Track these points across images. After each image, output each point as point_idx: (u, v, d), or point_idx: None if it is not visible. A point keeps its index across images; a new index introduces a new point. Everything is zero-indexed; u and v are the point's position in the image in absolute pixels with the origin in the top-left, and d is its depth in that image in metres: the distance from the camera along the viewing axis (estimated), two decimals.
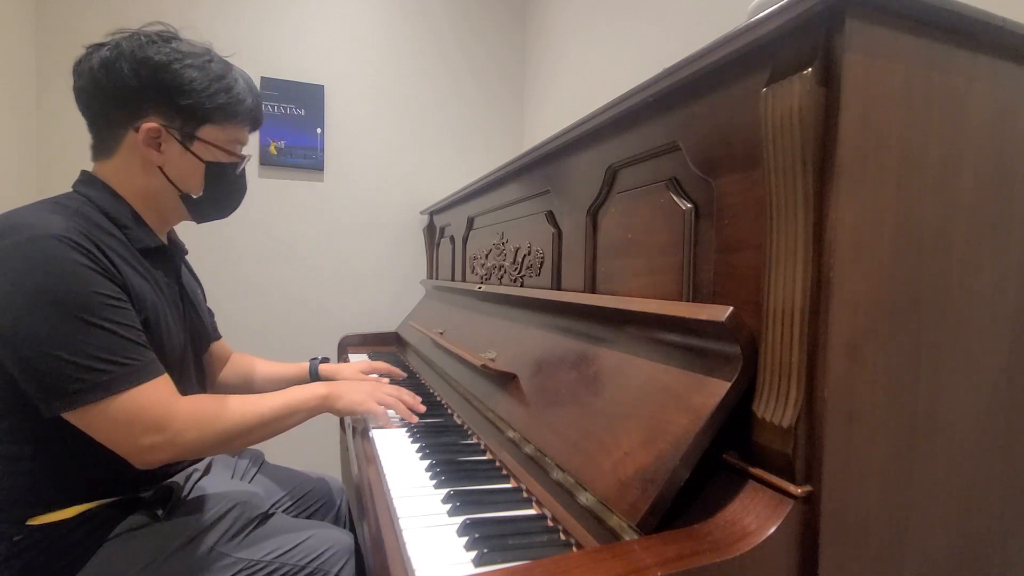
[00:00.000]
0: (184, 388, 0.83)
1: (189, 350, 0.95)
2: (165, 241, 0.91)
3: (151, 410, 0.72)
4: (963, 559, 0.60)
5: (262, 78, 2.07)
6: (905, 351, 0.54)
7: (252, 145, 2.06)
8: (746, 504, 0.53)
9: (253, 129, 0.94)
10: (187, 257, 1.05)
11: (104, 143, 0.84)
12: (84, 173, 0.85)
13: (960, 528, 0.60)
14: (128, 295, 0.75)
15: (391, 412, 1.05)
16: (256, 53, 2.07)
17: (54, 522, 0.74)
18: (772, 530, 0.49)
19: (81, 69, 0.82)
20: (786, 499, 0.50)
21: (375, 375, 1.30)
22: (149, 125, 0.81)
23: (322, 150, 2.18)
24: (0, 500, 0.74)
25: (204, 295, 1.11)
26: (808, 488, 0.51)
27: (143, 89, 0.80)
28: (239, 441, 0.82)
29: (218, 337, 1.19)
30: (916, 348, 0.55)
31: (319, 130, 2.17)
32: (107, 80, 0.79)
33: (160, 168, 0.84)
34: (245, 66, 0.99)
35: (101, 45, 0.82)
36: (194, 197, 0.88)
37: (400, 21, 2.30)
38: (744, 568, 0.48)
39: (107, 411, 0.70)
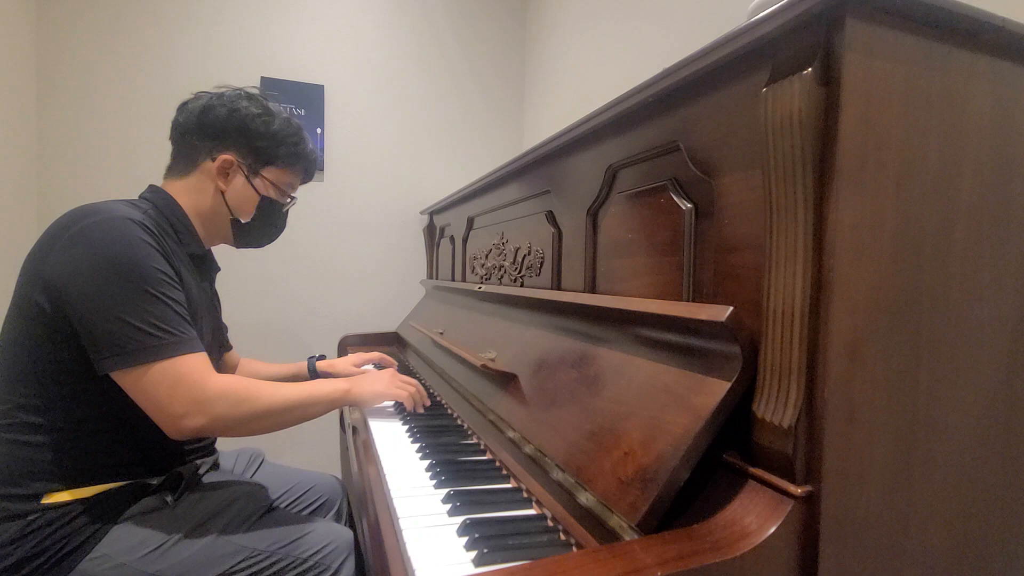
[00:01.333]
0: None
1: (213, 350, 1.01)
2: (206, 251, 1.03)
3: (190, 378, 0.78)
4: (963, 559, 0.60)
5: (262, 78, 2.07)
6: (905, 351, 0.54)
7: None
8: (746, 504, 0.53)
9: (304, 180, 1.13)
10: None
11: (181, 165, 0.99)
12: (152, 186, 0.98)
13: (960, 528, 0.60)
14: (180, 282, 0.85)
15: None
16: (256, 53, 2.07)
17: (68, 501, 0.77)
18: (772, 530, 0.49)
19: (186, 108, 0.99)
20: (786, 499, 0.50)
21: (370, 365, 1.39)
22: (225, 157, 0.97)
23: (322, 150, 2.18)
24: (19, 471, 0.77)
25: (220, 310, 1.17)
26: (808, 488, 0.51)
27: (229, 129, 0.97)
28: (264, 422, 0.86)
29: (230, 348, 1.25)
30: (916, 348, 0.55)
31: (319, 130, 2.17)
32: (204, 118, 0.97)
33: (222, 193, 0.99)
34: (245, 66, 1.06)
35: (205, 93, 1.00)
36: (242, 222, 1.03)
37: (400, 21, 2.30)
38: (744, 568, 0.48)
39: (153, 374, 0.76)
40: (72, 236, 0.77)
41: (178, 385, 0.77)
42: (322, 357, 1.39)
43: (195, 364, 0.79)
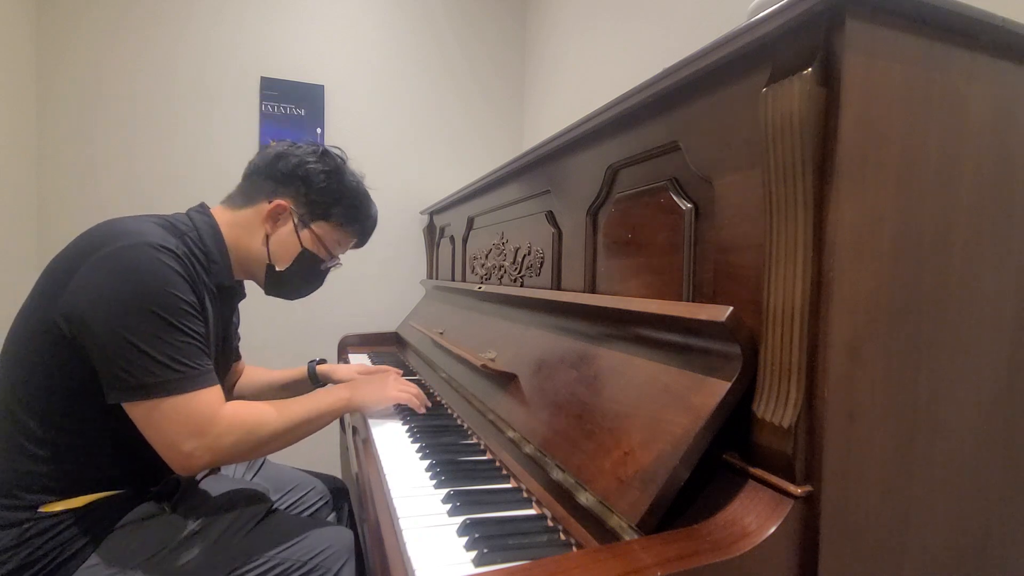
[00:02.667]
0: None
1: (220, 370, 1.00)
2: (234, 282, 1.00)
3: (198, 416, 0.77)
4: (963, 559, 0.60)
5: (262, 78, 2.07)
6: (905, 351, 0.54)
7: (252, 146, 2.06)
8: (746, 504, 0.53)
9: (357, 245, 1.12)
10: None
11: (239, 199, 1.00)
12: (202, 205, 0.98)
13: (960, 528, 0.60)
14: (201, 311, 0.83)
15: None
16: (256, 53, 2.07)
17: (65, 509, 0.76)
18: (772, 530, 0.49)
19: (264, 150, 1.02)
20: (786, 499, 0.50)
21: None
22: (280, 202, 0.98)
23: None
24: (17, 483, 0.76)
25: (238, 324, 1.17)
26: (808, 488, 0.51)
27: (294, 177, 0.98)
28: (272, 446, 0.87)
29: (238, 358, 1.24)
30: (916, 348, 0.55)
31: (319, 130, 2.17)
32: (275, 162, 0.98)
33: (267, 236, 0.99)
34: (245, 66, 1.05)
35: (286, 141, 1.02)
36: (277, 269, 1.01)
37: (400, 21, 2.30)
38: (744, 568, 0.48)
39: (165, 409, 0.75)
40: (97, 261, 0.75)
41: (188, 422, 0.76)
42: (322, 361, 1.38)
43: (208, 400, 0.79)
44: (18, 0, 1.73)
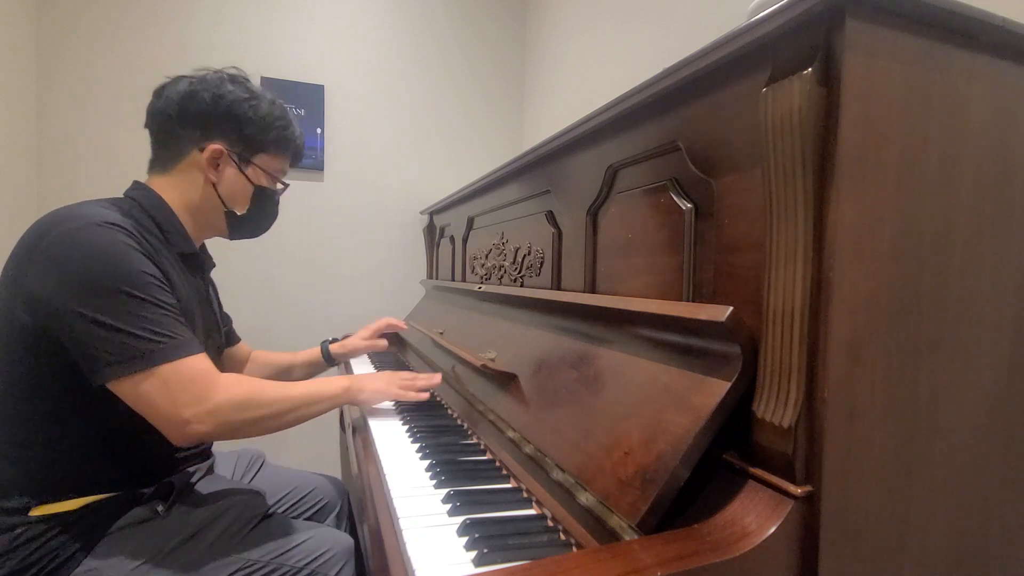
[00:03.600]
0: None
1: (210, 350, 0.98)
2: (196, 248, 0.97)
3: (194, 382, 0.76)
4: (963, 559, 0.60)
5: (262, 78, 2.07)
6: (905, 351, 0.54)
7: None
8: (746, 504, 0.53)
9: (293, 164, 1.07)
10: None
11: (165, 159, 0.93)
12: (136, 183, 0.93)
13: (960, 528, 0.60)
14: (168, 282, 0.81)
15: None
16: (256, 53, 2.07)
17: (57, 513, 0.75)
18: (772, 530, 0.49)
19: (164, 93, 0.92)
20: (786, 499, 0.50)
21: (383, 341, 1.45)
22: (214, 147, 0.92)
23: (322, 150, 2.18)
24: (7, 485, 0.75)
25: (220, 304, 1.15)
26: (808, 488, 0.51)
27: (216, 117, 0.92)
28: (270, 423, 0.85)
29: (236, 342, 1.23)
30: (916, 348, 0.55)
31: (319, 130, 2.17)
32: (187, 105, 0.90)
33: (214, 185, 0.94)
34: (245, 66, 1.04)
35: (184, 77, 0.94)
36: (238, 214, 0.98)
37: (400, 21, 2.30)
38: (744, 568, 0.48)
39: (154, 380, 0.73)
40: (49, 246, 0.73)
41: (181, 390, 0.74)
42: (335, 340, 1.42)
43: (198, 365, 0.77)
44: (18, 0, 1.73)
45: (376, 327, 1.45)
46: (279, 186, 1.04)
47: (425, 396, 1.08)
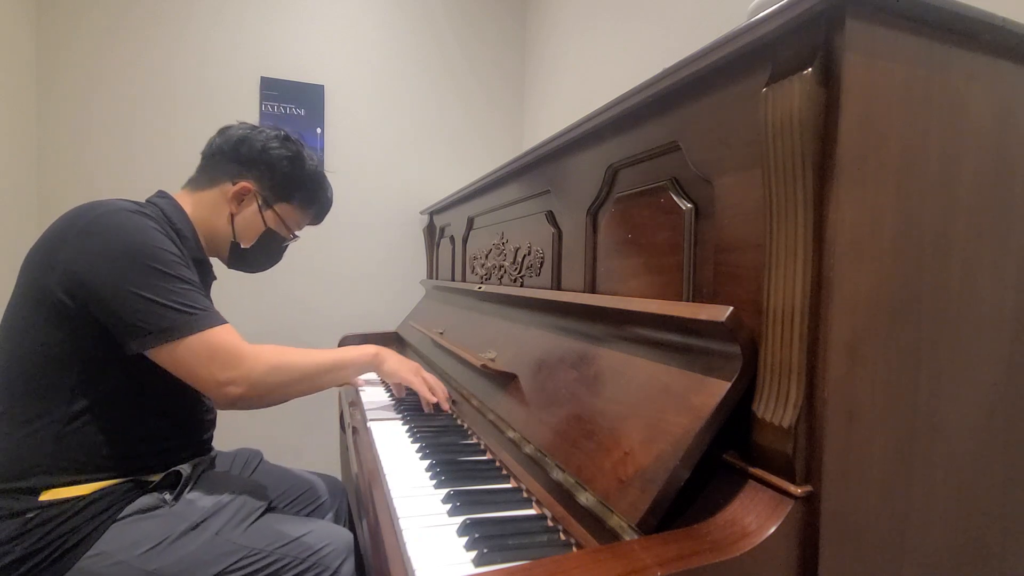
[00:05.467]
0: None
1: None
2: (206, 257, 1.05)
3: (226, 347, 0.82)
4: (963, 559, 0.60)
5: (262, 78, 2.06)
6: (905, 351, 0.54)
7: None
8: (746, 504, 0.53)
9: (313, 222, 1.18)
10: None
11: (201, 181, 1.03)
12: (161, 191, 1.00)
13: (960, 528, 0.60)
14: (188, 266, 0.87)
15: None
16: (256, 53, 2.07)
17: (66, 498, 0.78)
18: (772, 530, 0.49)
19: (227, 132, 1.04)
20: (786, 499, 0.50)
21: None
22: (245, 184, 1.01)
23: (322, 150, 2.18)
24: (16, 464, 0.78)
25: None
26: (808, 488, 0.51)
27: (258, 162, 1.02)
28: (299, 387, 0.91)
29: None
30: (916, 348, 0.55)
31: (319, 130, 2.17)
32: (239, 146, 1.01)
33: (231, 215, 1.03)
34: (245, 66, 1.06)
35: (248, 124, 1.06)
36: (241, 247, 1.06)
37: (400, 21, 2.30)
38: (744, 568, 0.48)
39: (192, 347, 0.80)
40: (84, 227, 0.80)
41: (217, 354, 0.81)
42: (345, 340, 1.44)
43: (227, 333, 0.83)
44: (18, 0, 1.73)
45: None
46: (290, 236, 1.12)
47: (432, 400, 1.13)
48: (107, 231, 0.80)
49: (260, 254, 1.10)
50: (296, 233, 1.13)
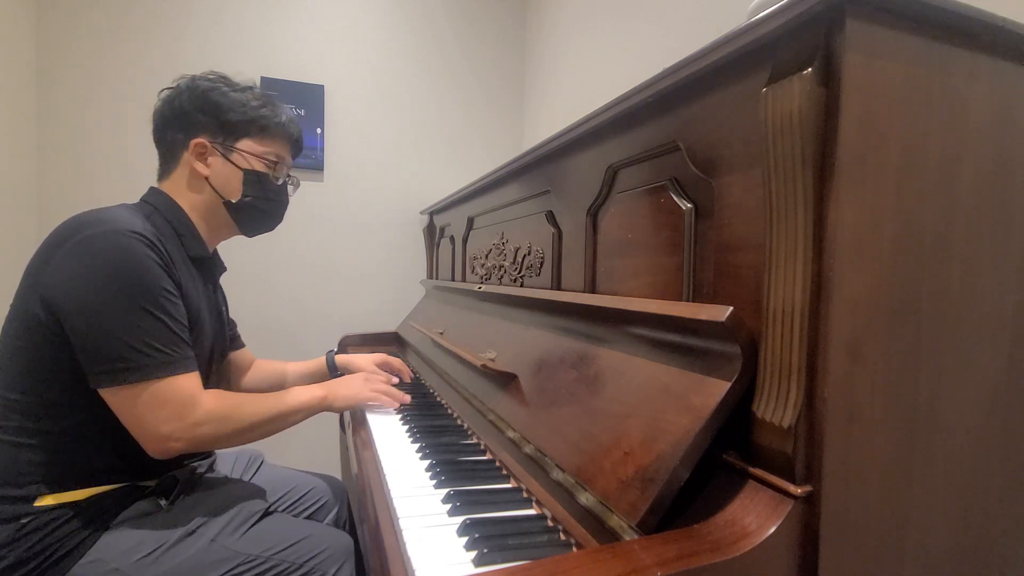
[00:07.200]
0: (204, 386, 0.89)
1: (215, 354, 1.02)
2: (210, 253, 1.02)
3: (176, 400, 0.79)
4: (963, 559, 0.60)
5: (262, 78, 2.06)
6: (905, 351, 0.54)
7: None
8: (746, 504, 0.53)
9: (294, 152, 1.08)
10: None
11: (167, 164, 0.98)
12: (152, 188, 0.97)
13: (960, 528, 0.60)
14: (180, 293, 0.85)
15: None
16: (256, 53, 2.07)
17: (62, 504, 0.77)
18: (772, 530, 0.49)
19: (155, 111, 0.98)
20: (786, 499, 0.50)
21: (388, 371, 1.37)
22: (197, 141, 0.95)
23: (322, 150, 2.18)
24: (12, 473, 0.77)
25: (227, 309, 1.17)
26: (808, 488, 0.51)
27: (194, 111, 0.95)
28: (248, 435, 0.89)
29: (240, 347, 1.25)
30: (916, 348, 0.55)
31: (319, 130, 2.17)
32: (170, 110, 0.96)
33: (207, 179, 0.97)
34: (245, 66, 1.06)
35: (166, 89, 0.99)
36: (234, 203, 0.99)
37: (400, 21, 2.30)
38: (744, 568, 0.48)
39: (140, 394, 0.77)
40: (71, 248, 0.77)
41: (164, 407, 0.78)
42: (343, 351, 1.43)
43: (184, 384, 0.80)
44: (18, 0, 1.73)
45: (387, 362, 1.37)
46: (278, 172, 1.03)
47: (395, 406, 1.13)
48: (94, 255, 0.76)
49: (260, 201, 1.01)
50: (288, 173, 1.06)
